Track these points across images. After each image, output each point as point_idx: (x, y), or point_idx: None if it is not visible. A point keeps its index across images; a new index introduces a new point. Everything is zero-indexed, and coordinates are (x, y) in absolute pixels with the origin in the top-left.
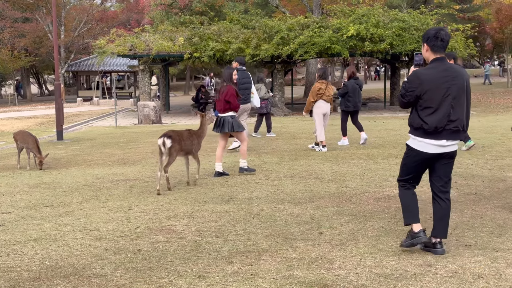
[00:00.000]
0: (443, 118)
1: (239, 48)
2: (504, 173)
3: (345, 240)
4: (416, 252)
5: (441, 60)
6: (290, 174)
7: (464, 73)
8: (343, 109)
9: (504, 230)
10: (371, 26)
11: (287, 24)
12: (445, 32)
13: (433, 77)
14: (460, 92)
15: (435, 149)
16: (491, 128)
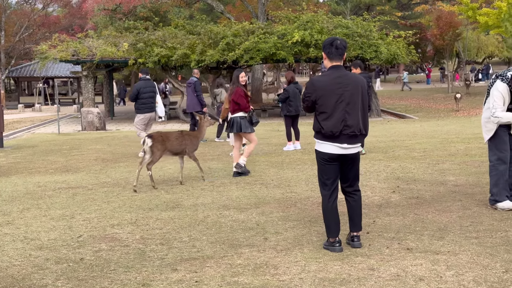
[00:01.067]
0: (338, 123)
1: (184, 53)
2: (444, 177)
3: (290, 245)
4: (360, 256)
5: (336, 67)
6: (235, 180)
7: (360, 80)
8: (286, 114)
9: (444, 233)
10: (315, 32)
11: (233, 30)
12: (340, 41)
13: (326, 83)
14: (354, 98)
15: (336, 149)
16: (432, 133)
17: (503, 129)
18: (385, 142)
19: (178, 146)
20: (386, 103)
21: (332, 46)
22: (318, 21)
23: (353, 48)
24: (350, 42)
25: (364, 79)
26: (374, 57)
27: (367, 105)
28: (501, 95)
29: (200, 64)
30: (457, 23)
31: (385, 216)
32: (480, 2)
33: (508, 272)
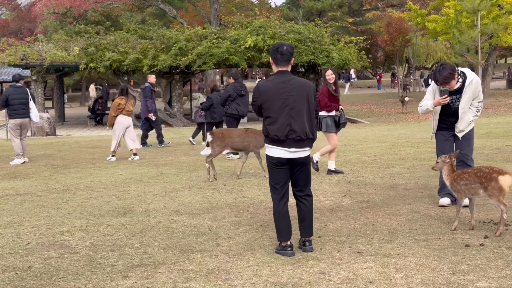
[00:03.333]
0: (283, 128)
1: (136, 58)
2: (394, 180)
3: (242, 250)
4: (311, 260)
5: (282, 73)
6: (188, 185)
7: (306, 86)
8: (210, 120)
9: (394, 236)
10: (268, 38)
11: (185, 34)
12: (286, 46)
13: (271, 88)
14: (299, 103)
15: (284, 153)
16: (382, 138)
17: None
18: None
19: (240, 143)
20: None
21: (277, 52)
22: (271, 26)
23: (305, 54)
24: (302, 47)
25: (310, 85)
26: (326, 62)
27: (314, 110)
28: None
29: (152, 69)
30: (407, 29)
31: (336, 220)
32: (429, 9)
33: (455, 274)
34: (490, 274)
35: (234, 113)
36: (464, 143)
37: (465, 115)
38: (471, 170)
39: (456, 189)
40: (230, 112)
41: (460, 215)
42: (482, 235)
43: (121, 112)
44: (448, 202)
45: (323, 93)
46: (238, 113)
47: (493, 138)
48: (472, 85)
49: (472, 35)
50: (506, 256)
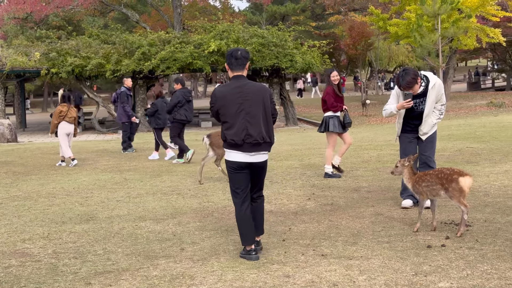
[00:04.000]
0: (240, 132)
1: (99, 63)
2: (358, 183)
3: (207, 255)
4: (276, 264)
5: (237, 78)
6: (152, 190)
7: (262, 90)
8: (155, 126)
9: (357, 239)
10: (231, 42)
11: (148, 39)
12: (241, 51)
13: (226, 93)
14: (255, 107)
15: (243, 158)
16: None
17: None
18: (301, 150)
19: None
20: (302, 112)
21: (232, 57)
22: (234, 30)
23: (268, 58)
24: (265, 51)
25: (266, 89)
26: (289, 66)
27: (270, 114)
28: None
29: (115, 74)
30: (369, 33)
31: (300, 223)
32: (391, 13)
33: (417, 275)
34: (452, 274)
35: (182, 118)
36: (427, 145)
37: (428, 118)
38: (432, 172)
39: (418, 191)
40: (178, 118)
41: (422, 217)
42: (443, 236)
43: (63, 119)
44: (410, 204)
45: (329, 93)
46: (186, 118)
47: (454, 140)
48: (435, 88)
49: (433, 38)
50: (467, 256)
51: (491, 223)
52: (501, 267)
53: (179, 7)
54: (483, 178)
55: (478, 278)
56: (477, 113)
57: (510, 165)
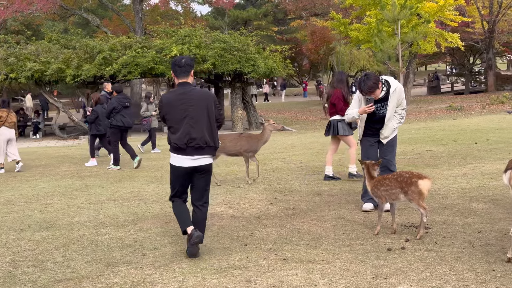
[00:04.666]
0: (183, 137)
1: (59, 68)
2: (320, 187)
3: (168, 261)
4: (237, 269)
5: (182, 84)
6: (113, 196)
7: (206, 97)
8: (95, 133)
9: (319, 243)
10: (193, 47)
11: (109, 44)
12: (185, 59)
13: (171, 100)
14: (199, 113)
15: (188, 162)
16: (308, 145)
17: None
18: (263, 155)
19: (232, 148)
20: (265, 116)
21: (176, 65)
22: (196, 35)
23: (231, 62)
24: (228, 56)
25: (210, 95)
26: (252, 71)
27: (215, 119)
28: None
29: (76, 79)
30: (331, 38)
31: (262, 227)
32: (351, 18)
33: (378, 278)
34: (411, 277)
35: (119, 124)
36: (388, 149)
37: (389, 122)
38: (391, 176)
39: (377, 195)
40: (115, 124)
41: (383, 220)
42: (403, 239)
43: (3, 124)
44: (371, 207)
45: (339, 97)
46: (123, 124)
47: (414, 143)
48: (396, 93)
49: (393, 43)
50: (426, 258)
51: (450, 225)
52: (459, 268)
53: (140, 12)
54: (442, 180)
55: (437, 280)
56: (437, 117)
57: (469, 168)
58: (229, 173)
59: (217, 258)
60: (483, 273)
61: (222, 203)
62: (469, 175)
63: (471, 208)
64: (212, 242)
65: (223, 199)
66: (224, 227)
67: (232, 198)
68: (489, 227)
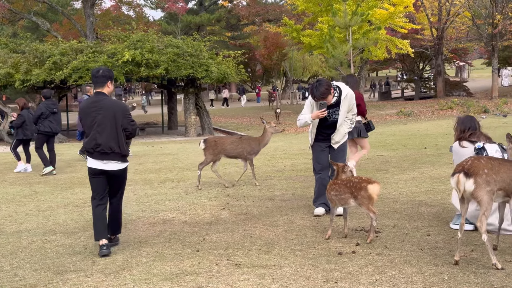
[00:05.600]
0: (91, 141)
1: (7, 73)
2: (272, 192)
3: (119, 268)
4: (189, 275)
5: (97, 94)
6: (63, 203)
7: (114, 106)
8: (21, 138)
9: (271, 247)
10: (146, 52)
11: (60, 48)
12: (102, 70)
13: (85, 107)
14: (106, 121)
15: (98, 164)
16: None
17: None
18: None
19: (233, 150)
20: (218, 121)
21: (93, 75)
22: (149, 40)
23: (184, 68)
24: (181, 61)
25: (121, 105)
26: (205, 76)
27: (121, 128)
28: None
29: (25, 84)
30: (283, 44)
31: (215, 233)
32: (304, 24)
33: (328, 282)
34: (361, 280)
35: (47, 130)
36: (339, 154)
37: (341, 127)
38: (340, 181)
39: (329, 198)
40: (42, 130)
41: (334, 224)
42: (354, 243)
43: None
44: (323, 211)
45: (361, 98)
46: (51, 130)
47: None
48: (347, 98)
49: (344, 49)
50: (376, 262)
51: (399, 229)
52: (408, 271)
53: (91, 16)
54: (392, 185)
55: (386, 283)
56: (388, 122)
57: (418, 172)
58: (182, 178)
59: (168, 264)
60: (431, 275)
61: (175, 208)
62: (418, 180)
63: (420, 212)
64: (164, 248)
65: (175, 204)
66: (176, 233)
67: (184, 204)
68: (437, 230)
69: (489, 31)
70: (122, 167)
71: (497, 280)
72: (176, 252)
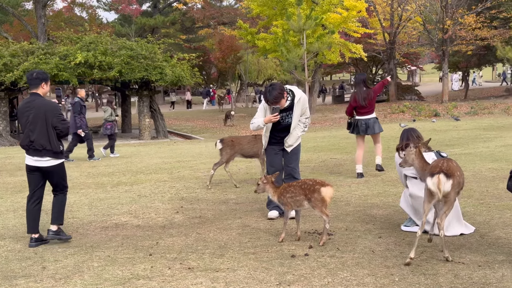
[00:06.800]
0: (25, 139)
1: None
2: (226, 195)
3: (70, 273)
4: (141, 279)
5: (32, 94)
6: (13, 207)
7: (46, 106)
8: None
9: (224, 251)
10: (99, 54)
11: (10, 50)
12: (36, 73)
13: (21, 107)
14: (37, 120)
15: (32, 162)
16: (216, 153)
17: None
18: (170, 163)
19: (249, 149)
20: (173, 124)
21: (27, 77)
22: (102, 42)
23: (138, 70)
24: (135, 64)
25: (51, 105)
26: (159, 79)
27: (52, 127)
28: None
29: None
30: (238, 47)
31: (168, 237)
32: (258, 28)
33: (281, 285)
34: (314, 283)
35: None
36: (292, 157)
37: (294, 131)
38: (296, 183)
39: (284, 202)
40: None
41: (287, 227)
42: (307, 245)
43: None
44: (276, 214)
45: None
46: None
47: (319, 151)
48: (300, 102)
49: (298, 53)
50: (328, 264)
51: (352, 232)
52: (359, 273)
53: (43, 17)
54: (345, 188)
55: (338, 285)
56: (341, 125)
57: (370, 175)
58: (135, 182)
59: (120, 269)
60: (382, 277)
61: (127, 212)
62: (370, 182)
63: (372, 214)
64: (116, 253)
65: (128, 208)
66: (128, 237)
67: (137, 208)
68: (389, 232)
69: (439, 36)
70: (54, 163)
71: (446, 281)
72: (129, 257)
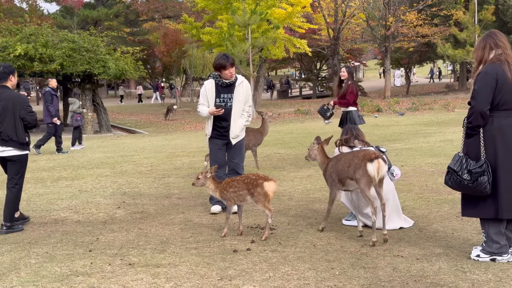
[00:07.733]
0: None
1: None
2: (169, 190)
3: (6, 270)
4: (80, 276)
5: (1, 87)
6: None
7: (14, 98)
8: None
9: (166, 246)
10: (40, 46)
11: None
12: (2, 67)
13: None
14: (5, 111)
15: None
16: (160, 148)
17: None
18: (113, 158)
19: None
20: (116, 118)
21: None
22: (43, 34)
23: (80, 63)
24: (77, 56)
25: (20, 97)
26: (102, 72)
27: (19, 118)
28: None
29: None
30: (183, 41)
31: (109, 232)
32: (204, 22)
33: (223, 280)
34: (255, 277)
35: None
36: (236, 152)
37: (237, 120)
38: (239, 178)
39: (226, 197)
40: None
41: (230, 222)
42: (249, 240)
43: None
44: (219, 209)
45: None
46: None
47: (263, 146)
48: (243, 86)
49: (243, 47)
50: (270, 259)
51: (294, 226)
52: (300, 268)
53: None
54: (288, 182)
55: (280, 280)
56: (285, 120)
57: (313, 169)
58: (76, 177)
59: (59, 266)
60: (323, 271)
61: (67, 208)
62: (313, 177)
63: (314, 208)
64: (55, 249)
65: (68, 204)
66: (68, 233)
67: (78, 203)
68: (330, 227)
69: (382, 32)
70: (18, 153)
71: (385, 275)
72: (68, 253)
